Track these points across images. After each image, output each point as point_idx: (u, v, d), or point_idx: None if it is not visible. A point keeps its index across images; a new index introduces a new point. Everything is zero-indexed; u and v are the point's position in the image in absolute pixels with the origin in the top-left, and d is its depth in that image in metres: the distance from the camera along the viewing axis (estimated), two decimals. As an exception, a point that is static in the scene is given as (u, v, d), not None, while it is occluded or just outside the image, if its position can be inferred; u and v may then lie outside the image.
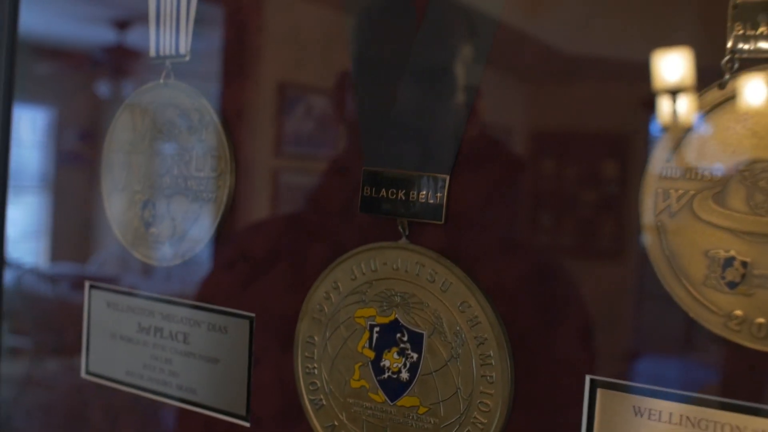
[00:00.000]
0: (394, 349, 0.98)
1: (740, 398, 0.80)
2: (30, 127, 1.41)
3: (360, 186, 0.99)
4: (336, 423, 1.02)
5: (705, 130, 0.80)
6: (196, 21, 1.15)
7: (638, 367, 0.86)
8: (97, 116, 1.29)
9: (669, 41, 0.83)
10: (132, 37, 1.26)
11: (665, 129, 0.82)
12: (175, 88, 1.17)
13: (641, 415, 0.85)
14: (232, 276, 1.13)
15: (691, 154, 0.81)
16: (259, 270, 1.11)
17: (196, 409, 1.16)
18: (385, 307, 0.98)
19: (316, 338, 1.04)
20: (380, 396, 0.99)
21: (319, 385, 1.04)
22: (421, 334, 0.96)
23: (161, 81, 1.18)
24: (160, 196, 1.18)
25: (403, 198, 0.97)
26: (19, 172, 1.40)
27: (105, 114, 1.25)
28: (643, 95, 0.84)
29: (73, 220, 1.41)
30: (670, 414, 0.84)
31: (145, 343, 1.21)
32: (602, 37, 0.88)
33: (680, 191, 0.82)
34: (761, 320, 0.78)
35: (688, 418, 0.83)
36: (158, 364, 1.20)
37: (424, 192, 0.96)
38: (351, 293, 1.01)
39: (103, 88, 1.34)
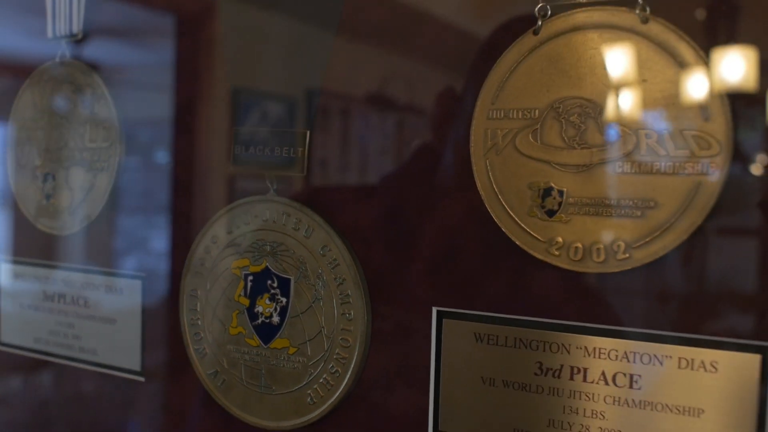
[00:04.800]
0: (266, 296, 1.05)
1: (565, 317, 0.87)
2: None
3: (232, 145, 1.06)
4: (218, 369, 1.09)
5: (523, 73, 0.88)
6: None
7: (477, 296, 0.93)
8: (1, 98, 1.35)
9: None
10: (30, 21, 1.32)
11: (487, 75, 0.90)
12: (70, 66, 1.23)
13: (481, 341, 0.92)
14: (124, 239, 1.20)
15: (511, 96, 0.89)
16: (147, 232, 1.17)
17: (97, 368, 1.22)
18: (257, 257, 1.05)
19: (198, 291, 1.10)
20: (255, 340, 1.05)
21: (202, 335, 1.10)
22: (289, 280, 1.02)
23: (57, 60, 1.24)
24: (58, 168, 1.24)
25: (269, 153, 1.04)
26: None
27: (9, 95, 1.31)
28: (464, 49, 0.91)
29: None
30: (506, 338, 0.91)
31: (50, 310, 1.27)
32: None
33: (505, 130, 0.89)
34: (578, 244, 0.85)
35: (520, 339, 0.90)
36: (62, 329, 1.26)
37: (287, 147, 1.03)
38: (228, 246, 1.07)
39: (5, 71, 1.40)
